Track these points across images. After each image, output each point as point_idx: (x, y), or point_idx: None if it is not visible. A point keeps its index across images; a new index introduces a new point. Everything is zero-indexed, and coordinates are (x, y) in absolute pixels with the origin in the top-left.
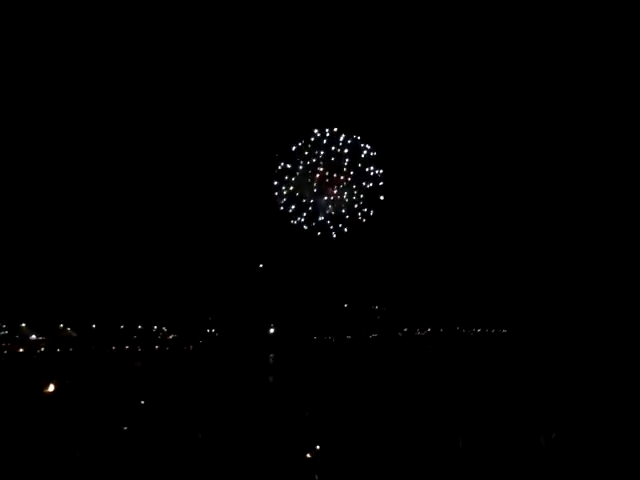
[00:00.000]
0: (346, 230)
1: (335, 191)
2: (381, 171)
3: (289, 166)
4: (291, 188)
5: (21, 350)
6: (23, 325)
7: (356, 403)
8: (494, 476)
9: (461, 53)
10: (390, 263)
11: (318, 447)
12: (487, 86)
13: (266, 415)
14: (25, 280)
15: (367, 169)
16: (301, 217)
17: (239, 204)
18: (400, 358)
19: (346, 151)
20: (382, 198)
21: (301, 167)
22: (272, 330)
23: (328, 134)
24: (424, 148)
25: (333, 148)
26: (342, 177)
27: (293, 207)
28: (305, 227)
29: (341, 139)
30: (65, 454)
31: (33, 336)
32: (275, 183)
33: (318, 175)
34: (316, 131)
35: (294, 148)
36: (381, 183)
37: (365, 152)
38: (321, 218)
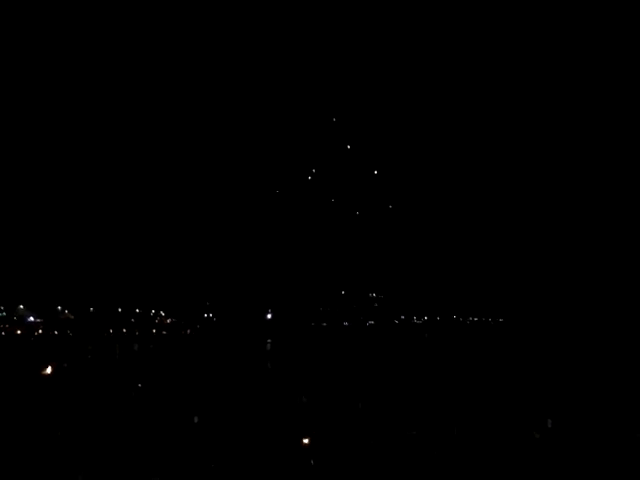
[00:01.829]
0: (344, 218)
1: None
2: (378, 164)
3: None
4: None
5: (19, 332)
6: (21, 307)
7: (352, 390)
8: (490, 467)
9: (465, 57)
10: (387, 251)
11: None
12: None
13: (263, 400)
14: (23, 262)
15: (366, 160)
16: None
17: (237, 191)
18: (396, 346)
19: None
20: (381, 186)
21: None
22: (269, 316)
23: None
24: (419, 141)
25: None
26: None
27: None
28: (303, 214)
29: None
30: (62, 436)
31: (31, 318)
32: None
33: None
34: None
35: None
36: (379, 171)
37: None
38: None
